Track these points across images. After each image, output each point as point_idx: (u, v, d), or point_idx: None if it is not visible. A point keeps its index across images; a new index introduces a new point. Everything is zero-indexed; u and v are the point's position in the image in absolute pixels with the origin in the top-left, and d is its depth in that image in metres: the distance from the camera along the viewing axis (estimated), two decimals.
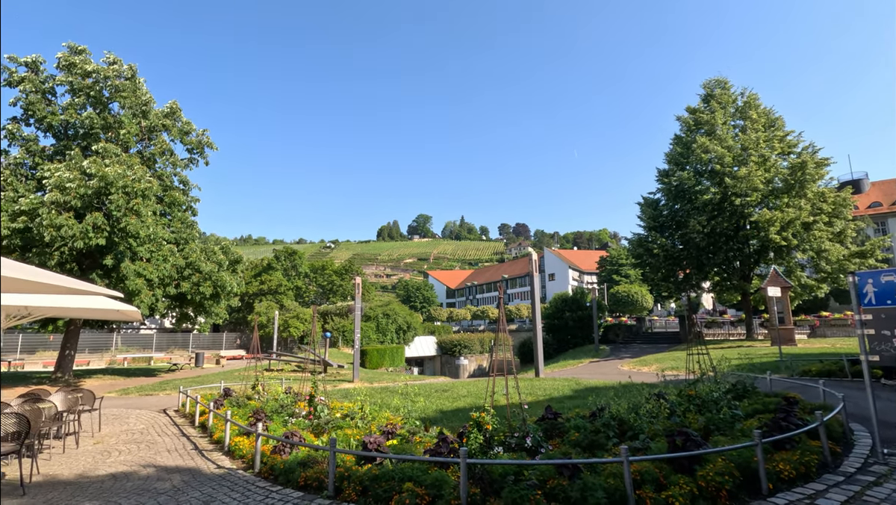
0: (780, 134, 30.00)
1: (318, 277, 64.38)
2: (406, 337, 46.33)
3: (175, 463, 7.34)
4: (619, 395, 10.36)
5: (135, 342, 39.02)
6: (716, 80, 32.46)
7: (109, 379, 21.17)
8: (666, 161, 32.69)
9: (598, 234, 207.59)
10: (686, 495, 4.69)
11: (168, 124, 21.96)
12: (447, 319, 72.54)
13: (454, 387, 16.79)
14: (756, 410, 7.95)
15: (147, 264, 18.36)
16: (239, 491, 5.87)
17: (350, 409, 9.56)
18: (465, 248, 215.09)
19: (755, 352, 21.82)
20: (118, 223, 17.16)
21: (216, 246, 22.95)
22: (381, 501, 5.14)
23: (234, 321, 46.08)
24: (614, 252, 75.17)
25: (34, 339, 33.17)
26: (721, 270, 30.60)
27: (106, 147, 18.48)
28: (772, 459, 5.45)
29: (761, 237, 26.83)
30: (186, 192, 22.96)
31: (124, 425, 10.57)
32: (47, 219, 15.94)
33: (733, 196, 27.42)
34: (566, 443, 6.48)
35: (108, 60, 20.59)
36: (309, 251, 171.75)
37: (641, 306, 48.78)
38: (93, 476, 6.68)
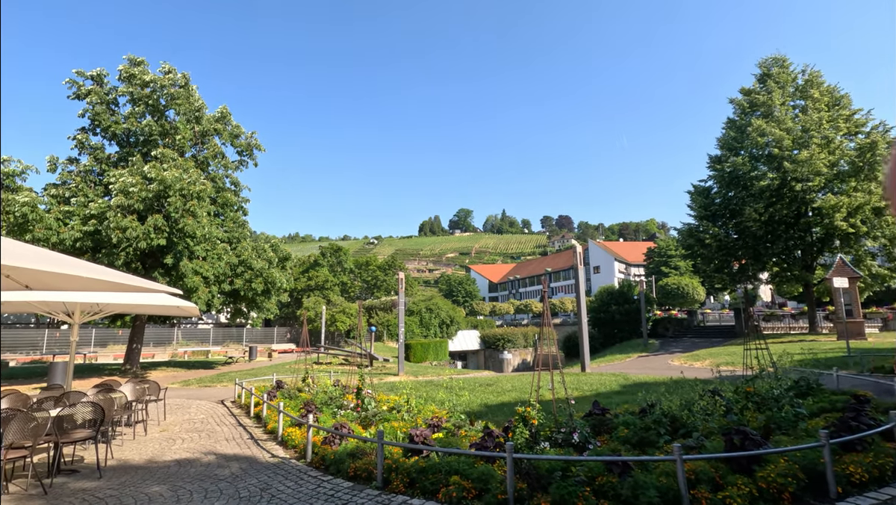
0: (845, 113, 27.88)
1: (363, 272, 65.76)
2: (449, 331, 46.59)
3: (233, 451, 7.72)
4: (670, 391, 10.01)
5: (194, 336, 41.27)
6: (773, 59, 30.51)
7: (172, 371, 22.51)
8: (718, 146, 31.13)
9: (644, 224, 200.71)
10: (745, 497, 4.48)
11: (219, 128, 22.98)
12: (490, 314, 72.36)
13: (498, 381, 16.75)
14: (822, 408, 7.49)
15: (203, 263, 19.33)
16: (292, 480, 6.10)
17: (396, 402, 9.73)
18: (507, 241, 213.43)
19: (819, 347, 20.51)
20: (176, 224, 18.15)
21: (266, 244, 23.87)
22: (429, 493, 5.21)
23: (284, 316, 47.88)
24: (662, 243, 72.46)
25: (105, 333, 35.73)
26: (780, 259, 28.91)
27: (164, 152, 19.56)
28: (841, 461, 5.11)
29: (825, 224, 25.13)
30: (237, 192, 23.97)
31: (186, 415, 11.22)
32: (114, 221, 17.08)
33: (793, 181, 25.76)
34: (615, 439, 6.34)
35: (163, 70, 21.74)
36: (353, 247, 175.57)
37: (692, 299, 46.80)
38: (160, 462, 7.14)
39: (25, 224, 16.69)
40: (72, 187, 19.38)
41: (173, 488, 5.84)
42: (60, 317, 9.48)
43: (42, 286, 6.46)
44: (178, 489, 5.80)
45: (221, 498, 5.46)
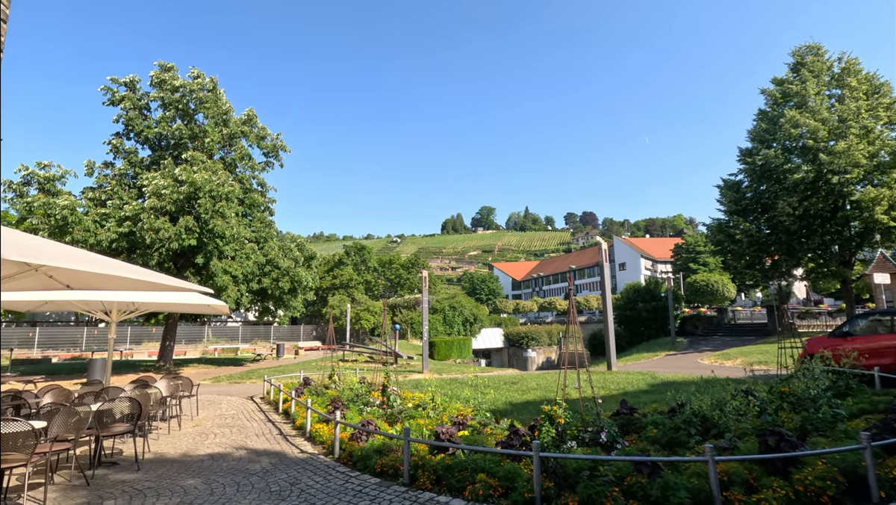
0: (886, 101, 26.62)
1: (386, 270, 66.30)
2: (473, 329, 46.58)
3: (263, 446, 7.90)
4: (700, 390, 9.78)
5: (223, 334, 42.36)
6: (807, 47, 29.36)
7: (203, 368, 23.17)
8: (749, 139, 30.14)
9: (671, 220, 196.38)
10: (780, 500, 4.35)
11: (246, 131, 23.48)
12: (513, 311, 72.01)
13: (523, 379, 16.67)
14: (862, 409, 7.21)
15: (232, 262, 19.81)
16: (321, 475, 6.21)
17: (421, 399, 9.79)
18: (530, 238, 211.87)
19: None
20: (206, 225, 18.64)
21: (292, 244, 24.31)
22: (455, 490, 5.23)
23: (310, 314, 48.68)
24: (690, 239, 70.76)
25: (140, 331, 37.03)
26: (816, 255, 27.84)
27: (193, 155, 20.10)
28: (883, 465, 4.91)
29: (865, 218, 24.07)
30: (264, 193, 24.48)
31: (217, 410, 11.53)
32: (147, 223, 17.65)
33: (829, 174, 24.76)
34: (643, 439, 6.24)
35: (192, 75, 22.33)
36: (377, 246, 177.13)
37: (722, 296, 45.54)
38: (194, 456, 7.37)
39: (65, 226, 17.40)
40: (107, 190, 20.12)
41: (207, 482, 6.02)
42: (99, 315, 9.87)
43: (82, 286, 6.74)
44: (211, 482, 5.97)
45: (253, 492, 5.60)
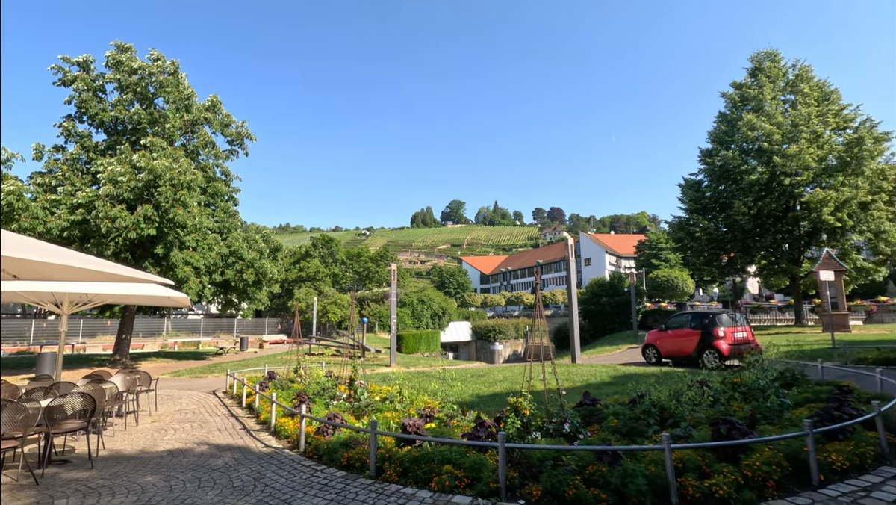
0: (834, 108, 28.15)
1: (354, 263, 65.62)
2: (441, 322, 46.75)
3: (226, 441, 7.74)
4: (659, 381, 10.17)
5: (184, 327, 41.04)
6: (765, 53, 30.66)
7: (162, 362, 22.40)
8: (709, 140, 31.32)
9: (635, 217, 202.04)
10: (731, 484, 4.59)
11: (209, 117, 22.68)
12: (481, 305, 72.64)
13: (490, 372, 16.88)
14: (806, 398, 7.65)
15: (194, 253, 19.17)
16: (286, 469, 6.14)
17: (389, 392, 9.79)
18: (499, 233, 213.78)
19: (805, 339, 20.88)
20: (166, 214, 17.96)
21: (257, 235, 23.72)
22: (421, 482, 5.28)
23: (276, 307, 47.73)
24: (653, 236, 73.03)
25: (94, 323, 35.43)
26: (768, 253, 29.28)
27: (153, 141, 19.28)
28: (823, 450, 5.25)
29: (813, 218, 25.47)
30: (228, 182, 23.75)
31: (178, 405, 11.19)
32: (103, 211, 16.86)
33: (782, 175, 26.04)
34: (605, 429, 6.44)
35: (152, 57, 21.37)
36: (345, 239, 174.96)
37: (682, 291, 47.31)
38: (152, 452, 7.14)
39: (11, 213, 16.42)
40: (58, 176, 19.07)
41: (166, 478, 5.85)
42: (48, 307, 9.39)
43: (30, 276, 6.40)
44: (171, 479, 5.81)
45: (215, 488, 5.48)
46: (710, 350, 15.61)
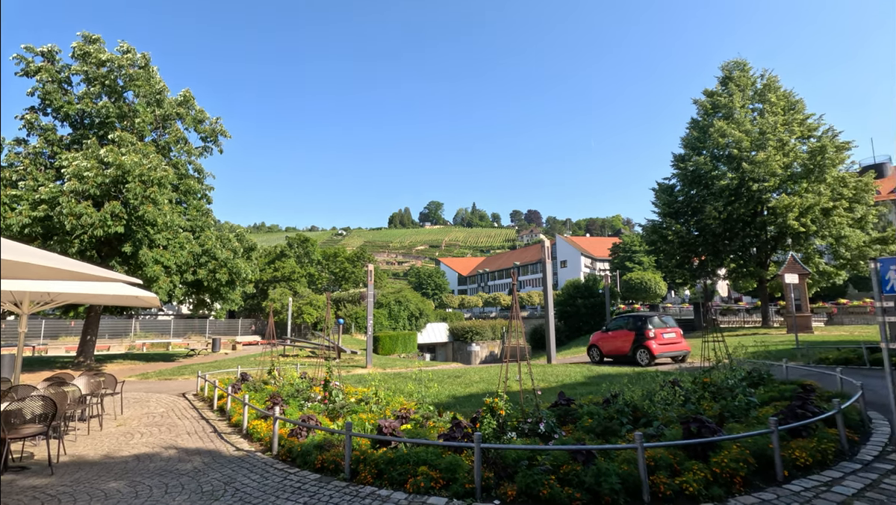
0: (799, 117, 29.21)
1: (331, 264, 64.88)
2: (418, 323, 46.63)
3: (195, 445, 7.53)
4: (632, 382, 10.35)
5: (153, 328, 39.87)
6: (735, 62, 31.62)
7: (129, 364, 21.70)
8: (682, 146, 32.10)
9: (610, 220, 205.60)
10: (700, 481, 4.69)
11: (182, 113, 22.11)
12: (459, 306, 72.79)
13: (466, 373, 16.91)
14: (772, 397, 7.89)
15: (164, 252, 18.65)
16: (258, 473, 6.01)
17: (364, 394, 9.70)
18: (477, 235, 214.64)
19: (771, 339, 21.58)
20: (135, 211, 17.41)
21: (231, 233, 23.24)
22: (397, 483, 5.23)
23: (249, 308, 46.82)
24: (627, 239, 74.44)
25: (57, 324, 34.09)
26: (737, 256, 30.17)
27: (122, 136, 18.68)
28: (787, 447, 5.42)
29: (779, 223, 26.35)
30: (201, 180, 23.20)
31: (145, 409, 10.85)
32: (67, 207, 16.24)
33: (751, 181, 26.87)
34: (579, 429, 6.50)
35: (121, 49, 20.71)
36: (321, 238, 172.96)
37: (655, 293, 48.42)
38: (117, 457, 6.89)
39: None
40: (20, 170, 18.28)
41: (132, 484, 5.65)
42: (7, 307, 8.98)
43: None
44: (136, 485, 5.62)
45: (183, 493, 5.32)
46: (642, 349, 17.20)
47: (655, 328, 17.33)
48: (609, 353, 18.91)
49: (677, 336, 17.66)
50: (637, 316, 18.74)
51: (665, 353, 17.11)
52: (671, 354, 17.30)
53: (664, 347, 17.12)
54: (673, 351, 17.31)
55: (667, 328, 17.59)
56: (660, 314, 19.07)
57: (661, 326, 17.58)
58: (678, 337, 17.66)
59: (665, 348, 17.13)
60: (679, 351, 17.44)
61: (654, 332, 17.20)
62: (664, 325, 17.72)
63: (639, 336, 17.52)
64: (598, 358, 19.28)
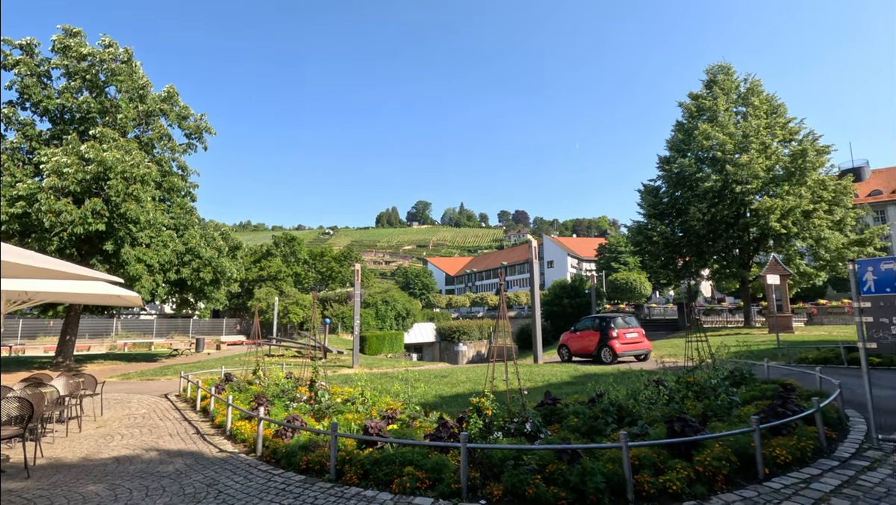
0: (781, 121, 29.78)
1: (317, 263, 64.40)
2: (405, 323, 46.52)
3: (177, 447, 7.41)
4: (617, 381, 10.43)
5: (135, 328, 39.20)
6: (719, 66, 32.12)
7: (110, 364, 21.29)
8: (667, 148, 32.50)
9: (597, 221, 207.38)
10: (683, 480, 4.75)
11: (165, 109, 21.75)
12: (446, 306, 72.83)
13: (453, 373, 16.91)
14: (753, 396, 8.02)
15: (147, 250, 18.33)
16: (241, 474, 5.93)
17: (351, 394, 9.64)
18: (465, 235, 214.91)
19: (753, 339, 21.96)
20: (117, 209, 17.09)
21: (216, 232, 22.93)
22: (382, 484, 5.21)
23: (234, 307, 46.28)
24: (613, 239, 75.18)
25: (35, 324, 33.33)
26: (720, 257, 30.62)
27: (103, 132, 18.32)
28: (768, 445, 5.51)
29: (761, 225, 26.81)
30: (185, 177, 22.85)
31: (126, 410, 10.66)
32: (46, 204, 15.87)
33: (734, 183, 27.31)
34: (565, 428, 6.54)
35: (103, 43, 20.30)
36: (308, 238, 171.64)
37: (640, 294, 48.96)
38: (96, 459, 6.75)
39: None
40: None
41: (111, 487, 5.54)
42: None
43: None
44: (116, 488, 5.51)
45: (165, 495, 5.23)
46: (606, 348, 18.38)
47: (618, 328, 18.43)
48: (576, 352, 19.98)
49: (639, 336, 18.76)
50: (602, 317, 19.68)
51: (627, 351, 18.17)
52: (633, 353, 18.36)
53: (626, 346, 18.18)
54: (635, 350, 18.38)
55: (629, 328, 18.67)
56: (624, 315, 20.17)
57: (623, 326, 18.66)
58: (640, 337, 18.79)
59: (627, 347, 18.19)
60: (641, 350, 18.52)
61: (617, 332, 18.29)
62: (627, 325, 18.80)
63: (603, 336, 18.59)
64: (567, 357, 20.34)
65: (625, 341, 18.29)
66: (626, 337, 18.38)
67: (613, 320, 18.85)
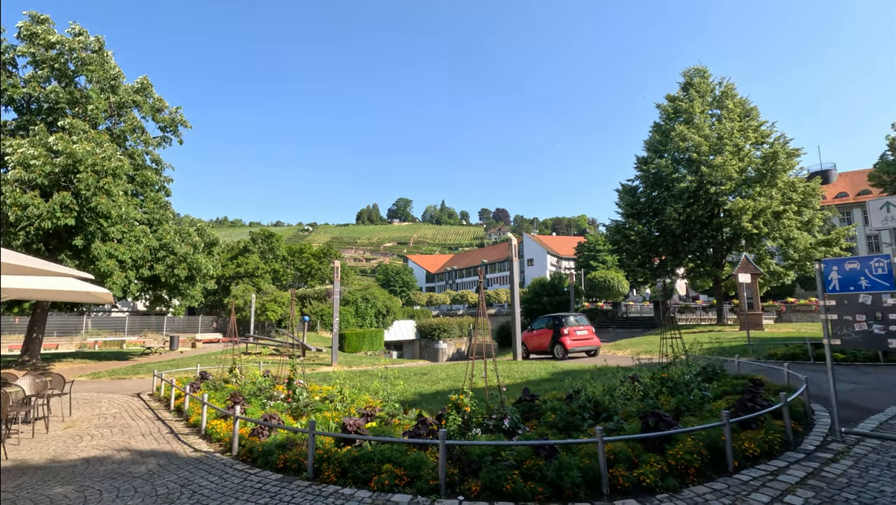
0: (754, 124, 30.59)
1: (296, 260, 63.60)
2: (385, 321, 46.32)
3: (150, 447, 7.25)
4: (594, 378, 10.60)
5: (106, 325, 38.11)
6: (695, 69, 32.79)
7: (80, 363, 20.67)
8: (645, 148, 33.06)
9: (576, 220, 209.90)
10: (657, 473, 4.86)
11: (139, 100, 21.14)
12: (427, 304, 72.79)
13: (433, 370, 16.92)
14: (724, 391, 8.24)
15: (119, 245, 17.82)
16: (216, 474, 5.84)
17: (329, 392, 9.56)
18: (446, 232, 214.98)
19: (725, 336, 22.54)
20: (88, 203, 16.56)
21: (191, 227, 22.40)
22: (361, 481, 5.19)
23: (211, 304, 45.38)
24: (592, 238, 76.14)
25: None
26: (695, 256, 31.33)
27: (73, 123, 17.72)
28: (738, 438, 5.68)
29: (734, 225, 27.52)
30: (159, 171, 22.26)
31: (96, 410, 10.37)
32: (11, 197, 15.29)
33: (708, 184, 27.96)
34: (543, 424, 6.62)
35: (73, 31, 19.61)
36: (286, 234, 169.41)
37: (617, 292, 49.73)
38: (64, 461, 6.56)
39: None
40: None
41: (80, 489, 5.39)
42: None
43: None
44: (85, 489, 5.36)
45: (136, 496, 5.12)
46: (558, 345, 19.95)
47: (569, 326, 20.15)
48: (533, 349, 21.37)
49: (589, 333, 20.40)
50: (555, 316, 21.36)
51: (578, 347, 19.77)
52: (583, 349, 19.96)
53: (577, 343, 19.81)
54: (585, 346, 19.99)
55: (579, 326, 20.39)
56: (576, 315, 21.79)
57: (574, 324, 20.38)
58: (590, 334, 20.42)
59: (577, 344, 19.81)
60: (591, 346, 20.11)
61: (568, 329, 20.00)
62: (577, 324, 20.53)
63: (555, 334, 20.17)
64: (525, 354, 21.51)
65: (575, 338, 19.80)
66: (576, 334, 19.91)
67: (565, 319, 20.52)
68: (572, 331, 19.98)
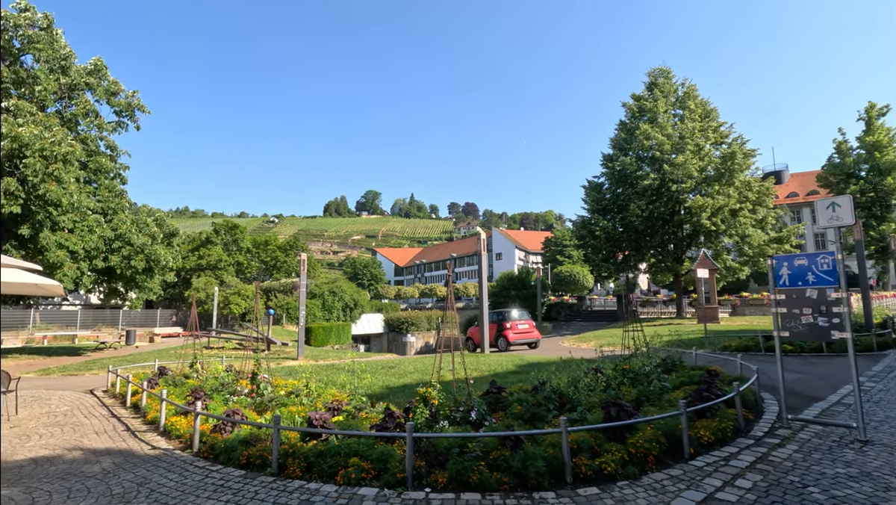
0: (714, 125, 31.74)
1: (261, 252, 62.10)
2: (353, 314, 45.89)
3: (105, 445, 6.96)
4: (559, 369, 10.81)
5: (56, 319, 36.23)
6: (659, 70, 33.68)
7: (27, 358, 19.60)
8: (611, 146, 33.80)
9: (544, 215, 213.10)
10: (617, 461, 5.03)
11: (92, 83, 20.07)
12: (395, 297, 72.53)
13: (401, 363, 16.89)
14: (682, 382, 8.56)
15: (70, 235, 16.95)
16: (176, 472, 5.66)
17: (295, 386, 9.41)
18: (415, 225, 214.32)
19: (684, 329, 23.41)
20: (35, 190, 15.66)
21: (149, 217, 21.52)
22: (327, 476, 5.15)
23: (170, 297, 43.84)
24: (559, 233, 77.51)
25: None
26: (657, 252, 32.35)
27: (18, 105, 16.69)
28: (694, 427, 5.93)
29: (694, 222, 28.54)
30: (114, 158, 21.25)
31: (45, 407, 9.87)
32: None
33: (670, 182, 28.85)
34: (509, 416, 6.72)
35: (18, 7, 18.41)
36: (251, 225, 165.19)
37: (583, 286, 50.90)
38: (10, 462, 6.22)
39: None
40: None
41: (27, 490, 5.13)
42: None
43: None
44: (33, 491, 5.10)
45: (90, 497, 4.91)
46: (501, 338, 21.76)
47: (512, 321, 22.10)
48: (479, 343, 22.19)
49: (530, 327, 22.47)
50: (499, 312, 23.46)
51: (519, 340, 21.72)
52: (525, 341, 21.89)
53: (518, 336, 21.77)
54: (526, 339, 21.93)
55: (521, 321, 22.34)
56: (519, 311, 23.74)
57: (516, 319, 22.35)
58: (531, 328, 22.48)
59: (519, 336, 21.77)
60: (531, 339, 22.11)
61: (510, 324, 21.94)
62: (519, 319, 22.48)
63: (499, 328, 21.88)
64: (472, 348, 22.88)
65: (517, 332, 21.76)
66: (518, 328, 21.86)
67: (509, 315, 22.48)
68: (514, 325, 21.77)
